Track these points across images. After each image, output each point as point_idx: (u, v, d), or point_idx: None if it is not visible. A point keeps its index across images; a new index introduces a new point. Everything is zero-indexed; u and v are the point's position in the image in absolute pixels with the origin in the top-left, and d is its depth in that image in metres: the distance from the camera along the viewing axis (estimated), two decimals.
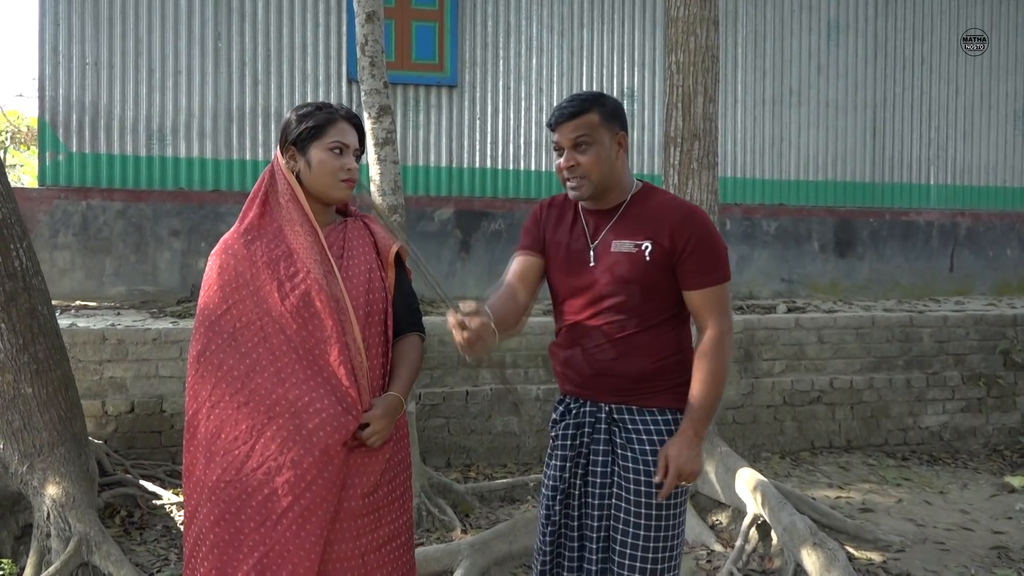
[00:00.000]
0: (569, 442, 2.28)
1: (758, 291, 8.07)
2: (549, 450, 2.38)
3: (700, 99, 4.48)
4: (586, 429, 2.27)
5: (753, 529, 4.08)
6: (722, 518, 4.46)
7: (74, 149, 6.87)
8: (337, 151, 2.19)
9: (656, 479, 2.16)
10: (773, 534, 3.97)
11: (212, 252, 2.25)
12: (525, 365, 5.77)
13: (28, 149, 14.89)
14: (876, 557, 4.04)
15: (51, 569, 3.42)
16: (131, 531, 4.24)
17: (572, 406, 2.31)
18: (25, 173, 14.18)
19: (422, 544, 4.12)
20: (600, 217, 2.28)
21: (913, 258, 8.59)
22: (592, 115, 2.19)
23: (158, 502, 4.50)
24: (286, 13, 7.24)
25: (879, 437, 6.29)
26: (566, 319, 2.30)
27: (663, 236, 2.18)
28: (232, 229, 2.24)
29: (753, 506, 4.11)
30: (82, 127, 6.88)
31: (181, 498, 4.53)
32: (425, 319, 5.68)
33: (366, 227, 2.32)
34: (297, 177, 2.20)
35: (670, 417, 2.24)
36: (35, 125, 10.60)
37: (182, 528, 4.26)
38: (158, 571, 3.80)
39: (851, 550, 4.04)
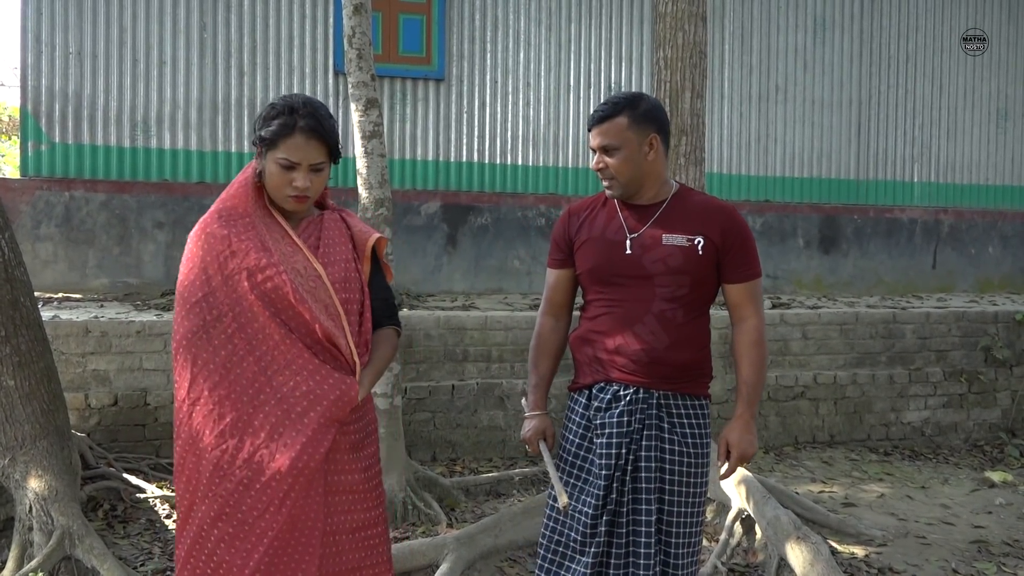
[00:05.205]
0: (625, 428, 2.36)
1: None
2: (577, 439, 2.45)
3: (688, 95, 4.49)
4: (637, 415, 2.36)
5: (737, 523, 4.10)
6: (707, 512, 4.48)
7: (57, 140, 6.81)
8: (286, 167, 2.12)
9: (720, 463, 2.39)
10: (757, 528, 3.99)
11: (191, 234, 2.21)
12: (511, 359, 5.77)
13: (10, 139, 14.74)
14: (859, 551, 4.08)
15: (33, 563, 3.39)
16: (114, 525, 4.21)
17: (622, 393, 2.38)
18: (7, 163, 14.03)
19: (408, 538, 4.11)
20: (640, 212, 2.41)
21: (896, 255, 8.65)
22: (621, 119, 2.33)
23: (142, 496, 4.47)
24: (272, 4, 7.19)
25: (862, 432, 6.34)
26: (611, 306, 2.40)
27: (714, 232, 2.35)
28: (212, 209, 2.20)
29: (738, 500, 4.14)
30: (65, 117, 6.81)
31: (165, 491, 4.51)
32: (411, 313, 5.69)
33: (342, 220, 2.31)
34: (260, 172, 2.19)
35: (704, 402, 2.44)
36: (17, 115, 10.49)
37: (167, 522, 4.25)
38: (141, 565, 3.78)
39: (834, 544, 4.08)
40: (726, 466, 2.41)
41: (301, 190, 2.14)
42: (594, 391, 2.43)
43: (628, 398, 2.36)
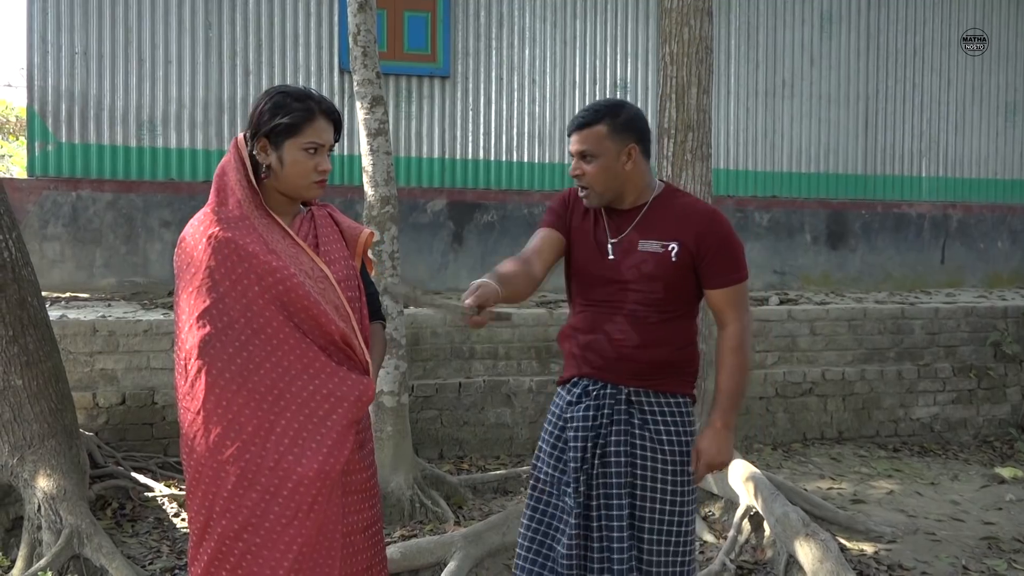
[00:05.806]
0: (590, 423, 2.35)
1: (751, 283, 8.00)
2: (556, 431, 2.42)
3: (694, 90, 4.47)
4: (605, 411, 2.35)
5: (746, 520, 4.09)
6: (715, 509, 4.47)
7: (63, 139, 6.82)
8: (312, 151, 2.09)
9: (692, 469, 2.36)
10: (766, 525, 3.98)
11: (186, 238, 2.09)
12: (518, 357, 5.77)
13: (17, 140, 14.79)
14: (868, 548, 4.06)
15: (42, 562, 3.40)
16: (123, 523, 4.22)
17: (591, 388, 2.38)
18: (14, 164, 14.07)
19: (415, 536, 4.12)
20: (620, 216, 2.40)
21: (905, 250, 8.62)
22: (600, 127, 2.31)
23: (150, 494, 4.48)
24: (277, 2, 7.18)
25: (870, 428, 6.31)
26: (588, 306, 2.41)
27: (689, 238, 2.32)
28: (206, 213, 2.09)
29: (746, 497, 4.12)
30: (72, 117, 6.82)
31: (173, 490, 4.52)
32: (417, 311, 5.69)
33: (330, 216, 2.29)
34: (267, 167, 2.09)
35: (681, 400, 2.39)
36: (24, 115, 10.51)
37: (175, 521, 4.25)
38: (150, 563, 3.79)
39: (843, 541, 4.06)
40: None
41: (326, 172, 2.12)
42: (568, 386, 2.45)
43: (596, 393, 2.36)
